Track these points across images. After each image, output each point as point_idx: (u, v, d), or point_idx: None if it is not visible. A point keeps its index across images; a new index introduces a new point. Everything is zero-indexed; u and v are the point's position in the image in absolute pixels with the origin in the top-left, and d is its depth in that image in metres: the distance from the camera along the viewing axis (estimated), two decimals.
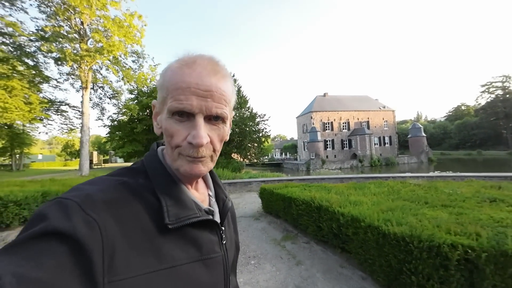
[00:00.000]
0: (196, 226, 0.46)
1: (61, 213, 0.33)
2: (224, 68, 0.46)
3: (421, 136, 37.87)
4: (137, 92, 19.52)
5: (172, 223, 0.41)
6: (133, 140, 19.25)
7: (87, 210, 0.34)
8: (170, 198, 0.44)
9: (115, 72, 15.16)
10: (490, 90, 49.95)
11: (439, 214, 2.65)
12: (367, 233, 2.53)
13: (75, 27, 13.65)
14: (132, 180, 0.44)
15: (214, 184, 0.59)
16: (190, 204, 0.46)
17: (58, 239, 0.31)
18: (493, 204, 3.08)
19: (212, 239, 0.49)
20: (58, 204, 0.35)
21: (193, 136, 0.41)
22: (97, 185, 0.40)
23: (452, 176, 8.46)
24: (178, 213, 0.43)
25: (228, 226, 0.58)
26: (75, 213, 0.33)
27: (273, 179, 9.90)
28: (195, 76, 0.42)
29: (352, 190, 4.54)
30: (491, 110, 48.49)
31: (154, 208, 0.42)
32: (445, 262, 1.85)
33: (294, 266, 3.07)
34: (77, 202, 0.35)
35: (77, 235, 0.32)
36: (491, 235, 1.92)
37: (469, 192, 3.84)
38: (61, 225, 0.32)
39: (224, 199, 0.58)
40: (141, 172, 0.47)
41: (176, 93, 0.42)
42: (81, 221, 0.33)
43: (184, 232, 0.44)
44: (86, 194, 0.37)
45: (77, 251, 0.31)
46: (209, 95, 0.42)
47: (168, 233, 0.41)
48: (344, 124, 40.46)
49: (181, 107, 0.41)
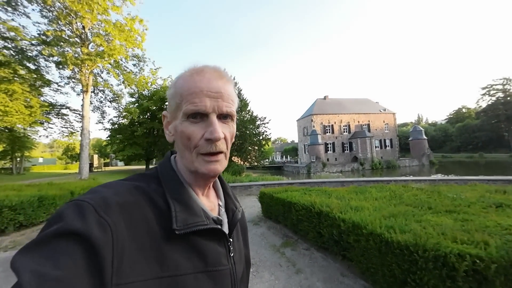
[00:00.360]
0: (203, 235, 0.46)
1: (76, 214, 0.35)
2: (227, 74, 0.51)
3: (422, 139, 37.67)
4: (138, 95, 19.57)
5: (180, 229, 0.42)
6: (133, 144, 19.24)
7: (100, 213, 0.36)
8: (179, 203, 0.45)
9: (116, 76, 15.20)
10: (490, 93, 49.70)
11: (443, 221, 2.55)
12: (369, 240, 2.44)
13: (77, 31, 13.74)
14: (145, 185, 0.46)
15: (225, 194, 0.59)
16: (199, 211, 0.47)
17: (74, 240, 0.32)
18: (499, 209, 2.98)
19: (219, 250, 0.48)
20: (74, 205, 0.36)
21: (211, 132, 0.45)
22: (113, 188, 0.42)
23: (455, 179, 8.33)
24: (186, 219, 0.44)
25: (237, 238, 0.57)
26: (90, 215, 0.35)
27: (273, 183, 9.80)
28: (205, 82, 0.46)
29: (353, 195, 4.45)
30: (492, 113, 48.20)
31: (164, 213, 0.43)
32: (452, 273, 1.76)
33: (294, 274, 2.97)
34: (92, 204, 0.36)
35: (91, 236, 0.33)
36: (500, 244, 1.82)
37: (474, 196, 3.73)
38: (76, 226, 0.33)
39: (234, 209, 0.57)
40: (154, 178, 0.49)
41: (190, 97, 0.46)
42: (94, 223, 0.34)
43: (191, 241, 0.44)
44: (101, 196, 0.39)
45: (91, 252, 0.33)
46: (219, 96, 0.46)
47: (175, 240, 0.42)
48: (344, 127, 40.35)
49: (196, 108, 0.45)
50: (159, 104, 18.90)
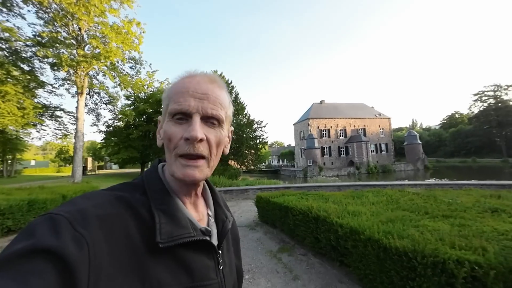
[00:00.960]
0: (190, 247, 0.43)
1: (50, 230, 0.32)
2: (220, 81, 0.50)
3: (417, 144, 38.19)
4: (134, 98, 19.45)
5: (164, 242, 0.39)
6: (128, 147, 19.01)
7: (76, 227, 0.33)
8: (164, 214, 0.43)
9: (112, 78, 15.10)
10: (482, 99, 50.93)
11: (440, 226, 2.54)
12: (367, 246, 2.40)
13: (73, 33, 13.66)
14: (128, 195, 0.43)
15: (215, 203, 0.56)
16: (185, 223, 0.44)
17: (46, 257, 0.30)
18: (495, 214, 2.99)
19: (207, 263, 0.46)
20: (47, 219, 0.34)
21: (189, 130, 0.43)
22: (92, 200, 0.39)
23: (450, 184, 8.41)
24: (171, 231, 0.41)
25: (227, 250, 0.55)
26: (64, 229, 0.33)
27: (270, 187, 9.74)
28: (194, 83, 0.46)
29: (350, 199, 4.43)
30: (484, 119, 49.31)
31: (148, 225, 0.41)
32: (451, 280, 1.73)
33: (291, 281, 2.91)
34: (67, 218, 0.34)
35: (65, 253, 0.31)
36: (497, 250, 1.81)
37: (469, 201, 3.75)
38: (49, 242, 0.31)
39: (224, 219, 0.54)
40: (139, 187, 0.47)
41: (176, 97, 0.45)
42: (69, 239, 0.32)
43: (176, 254, 0.41)
44: (79, 209, 0.36)
45: (64, 271, 0.30)
46: (205, 97, 0.45)
47: (159, 253, 0.39)
48: (341, 131, 40.67)
49: (179, 108, 0.44)
50: (156, 107, 18.80)
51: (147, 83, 17.16)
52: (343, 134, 40.66)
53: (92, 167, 25.50)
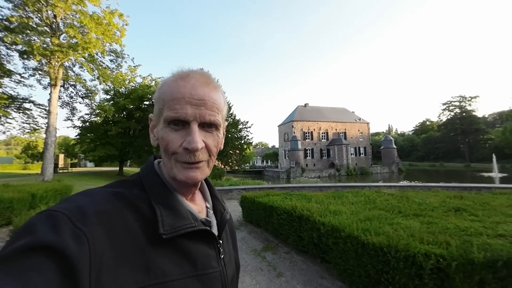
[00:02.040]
0: (192, 238, 0.44)
1: (49, 226, 0.32)
2: (214, 81, 0.49)
3: (392, 148, 40.56)
4: (114, 93, 18.46)
5: (167, 233, 0.41)
6: (106, 144, 18.00)
7: (76, 223, 0.34)
8: (165, 208, 0.44)
9: (90, 71, 14.22)
10: (450, 108, 55.54)
11: (412, 224, 2.78)
12: (347, 243, 2.56)
13: (47, 20, 12.66)
14: (126, 191, 0.43)
15: (212, 196, 0.58)
16: (186, 214, 0.45)
17: (46, 254, 0.30)
18: (458, 213, 3.32)
19: (209, 253, 0.47)
20: (46, 216, 0.34)
21: (189, 141, 0.43)
22: (90, 197, 0.40)
23: (421, 186, 9.10)
24: (173, 223, 0.42)
25: (226, 241, 0.57)
26: (64, 225, 0.33)
27: (254, 187, 9.81)
28: (189, 87, 0.44)
29: (332, 199, 4.64)
30: (450, 126, 53.80)
31: (148, 219, 0.41)
32: (419, 271, 1.92)
33: (275, 278, 3.00)
34: (66, 214, 0.34)
35: (65, 249, 0.31)
36: (459, 244, 2.04)
37: (436, 201, 4.12)
38: (49, 238, 0.31)
39: (222, 211, 0.56)
40: (136, 184, 0.47)
41: (172, 103, 0.44)
42: (69, 235, 0.32)
43: (179, 245, 0.42)
44: (77, 205, 0.36)
45: (65, 267, 0.30)
46: (202, 104, 0.44)
47: (161, 245, 0.40)
48: (323, 134, 41.98)
49: (176, 115, 0.43)
50: (137, 103, 18.01)
51: (128, 78, 16.40)
52: (325, 137, 42.01)
53: (64, 164, 23.75)
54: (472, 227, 2.52)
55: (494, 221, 2.77)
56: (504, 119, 51.88)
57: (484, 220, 2.83)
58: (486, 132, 50.27)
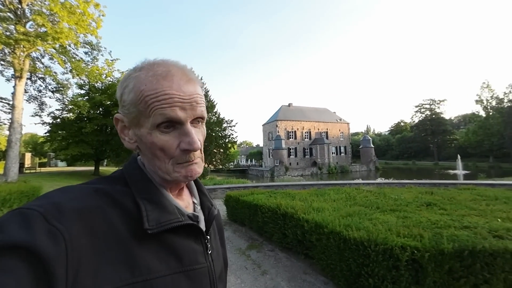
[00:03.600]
0: (178, 233, 0.43)
1: (20, 225, 0.31)
2: (193, 73, 0.47)
3: (370, 147, 42.67)
4: (89, 87, 17.33)
5: (152, 228, 0.39)
6: (80, 141, 16.84)
7: (51, 220, 0.32)
8: (150, 203, 0.42)
9: (62, 63, 13.17)
10: (421, 110, 59.73)
11: (389, 218, 2.94)
12: (330, 238, 2.65)
13: (10, 5, 11.50)
14: (108, 187, 0.42)
15: (199, 192, 0.57)
16: (172, 209, 0.44)
17: (17, 254, 0.29)
18: (429, 208, 3.58)
19: (195, 248, 0.46)
20: (18, 214, 0.32)
21: (189, 143, 0.42)
22: (68, 193, 0.38)
23: (396, 183, 9.66)
24: (159, 218, 0.41)
25: (214, 236, 0.56)
26: (37, 224, 0.31)
27: (238, 186, 9.79)
28: (175, 88, 0.42)
29: (315, 197, 4.77)
30: (422, 127, 57.89)
31: (132, 214, 0.40)
32: (396, 263, 2.04)
33: (259, 276, 3.01)
34: (40, 212, 0.32)
35: (38, 248, 0.29)
36: (430, 236, 2.19)
37: (410, 197, 4.40)
38: (20, 237, 0.29)
39: (209, 207, 0.55)
40: (119, 180, 0.46)
41: (159, 105, 0.41)
42: (43, 233, 0.31)
43: (165, 240, 0.41)
44: (54, 202, 0.35)
45: (38, 267, 0.29)
46: (192, 101, 0.43)
47: (147, 241, 0.39)
48: (306, 134, 42.99)
49: (169, 118, 0.41)
50: (115, 99, 17.09)
51: (105, 72, 15.42)
52: (308, 136, 43.05)
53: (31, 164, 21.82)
54: (441, 220, 2.72)
55: (460, 214, 3.03)
56: (467, 121, 57.02)
57: (452, 214, 3.08)
58: (452, 133, 54.87)
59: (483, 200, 3.94)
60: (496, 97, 41.59)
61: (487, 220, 2.70)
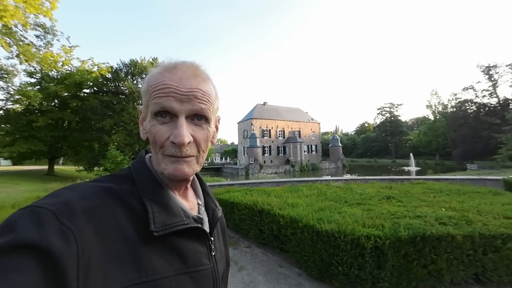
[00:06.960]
0: (183, 235, 0.44)
1: (32, 223, 0.31)
2: (205, 72, 0.47)
3: (338, 146, 45.58)
4: (41, 76, 15.32)
5: (158, 230, 0.40)
6: (30, 137, 14.84)
7: (62, 220, 0.32)
8: (156, 204, 0.43)
9: (6, 46, 11.42)
10: (382, 113, 65.84)
11: (355, 211, 3.22)
12: (304, 232, 2.81)
13: None
14: (116, 186, 0.42)
15: (204, 193, 0.58)
16: (178, 211, 0.45)
17: (29, 253, 0.29)
18: (389, 200, 4.00)
19: (200, 250, 0.47)
20: (29, 212, 0.32)
21: (175, 135, 0.42)
22: (77, 192, 0.38)
23: (360, 179, 10.51)
24: (165, 220, 0.42)
25: (217, 238, 0.57)
26: (49, 222, 0.31)
27: (213, 184, 9.64)
28: (176, 80, 0.43)
29: (289, 193, 4.96)
30: (383, 128, 63.94)
31: (139, 215, 0.41)
32: (362, 251, 2.26)
33: (237, 272, 3.06)
34: (52, 210, 0.32)
35: (50, 247, 0.29)
36: (390, 226, 2.48)
37: (373, 192, 4.86)
38: (32, 236, 0.29)
39: (213, 208, 0.56)
40: (127, 179, 0.46)
41: (157, 94, 0.43)
42: (55, 232, 0.31)
43: (170, 242, 0.42)
44: (64, 201, 0.35)
45: (50, 266, 0.29)
46: (191, 95, 0.43)
47: (152, 242, 0.40)
48: (280, 132, 44.10)
49: (161, 107, 0.42)
50: (74, 90, 15.38)
51: (61, 60, 13.81)
52: (282, 135, 44.22)
53: None
54: (399, 211, 3.08)
55: (413, 205, 3.45)
56: (420, 124, 64.59)
57: (407, 205, 3.50)
58: (407, 134, 61.46)
59: (431, 193, 4.53)
60: (442, 103, 48.08)
61: (434, 210, 3.14)
